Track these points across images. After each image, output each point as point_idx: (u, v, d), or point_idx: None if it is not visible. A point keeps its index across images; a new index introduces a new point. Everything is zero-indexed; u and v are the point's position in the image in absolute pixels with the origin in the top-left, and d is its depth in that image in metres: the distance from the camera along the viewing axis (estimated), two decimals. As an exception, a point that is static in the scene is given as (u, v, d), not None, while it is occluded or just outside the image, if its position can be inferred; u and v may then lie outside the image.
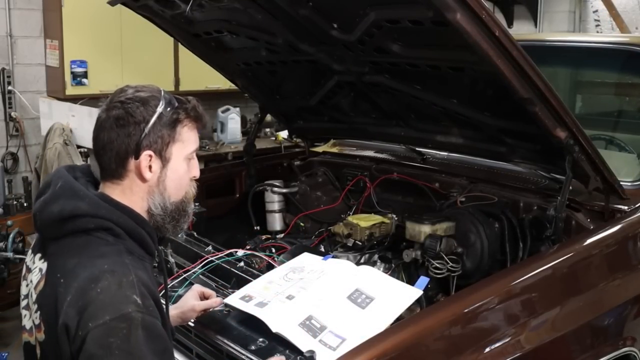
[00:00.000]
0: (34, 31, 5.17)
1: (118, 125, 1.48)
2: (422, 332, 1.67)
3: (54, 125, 4.70)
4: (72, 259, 1.43)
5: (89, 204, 1.46)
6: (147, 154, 1.50)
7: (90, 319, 1.33)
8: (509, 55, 1.82)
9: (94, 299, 1.34)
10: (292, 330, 1.72)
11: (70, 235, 1.45)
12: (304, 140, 3.59)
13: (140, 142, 1.48)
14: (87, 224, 1.45)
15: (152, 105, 1.50)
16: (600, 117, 3.18)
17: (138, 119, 1.48)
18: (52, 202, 1.48)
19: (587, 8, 7.11)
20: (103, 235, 1.45)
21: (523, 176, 2.52)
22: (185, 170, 1.58)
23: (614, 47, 2.98)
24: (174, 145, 1.54)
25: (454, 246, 2.22)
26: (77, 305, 1.35)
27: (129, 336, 1.32)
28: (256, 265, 2.22)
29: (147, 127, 1.48)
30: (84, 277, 1.38)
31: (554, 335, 1.89)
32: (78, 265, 1.41)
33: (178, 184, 1.57)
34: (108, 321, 1.32)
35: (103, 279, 1.37)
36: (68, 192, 1.48)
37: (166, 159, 1.53)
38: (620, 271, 2.12)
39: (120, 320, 1.32)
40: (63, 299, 1.38)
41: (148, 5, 2.67)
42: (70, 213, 1.45)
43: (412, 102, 2.57)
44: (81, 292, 1.36)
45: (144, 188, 1.53)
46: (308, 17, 2.26)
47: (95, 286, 1.36)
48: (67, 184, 1.50)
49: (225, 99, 5.88)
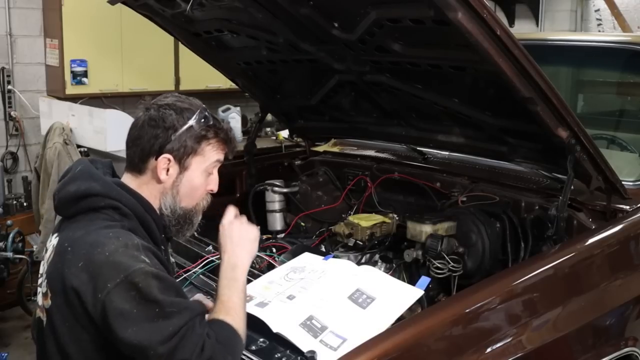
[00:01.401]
0: (33, 30, 5.17)
1: (150, 125, 1.62)
2: (423, 332, 1.66)
3: (53, 125, 4.69)
4: (80, 230, 1.56)
5: (102, 185, 1.60)
6: (166, 158, 1.63)
7: (107, 280, 1.44)
8: (510, 54, 1.81)
9: (104, 261, 1.46)
10: (292, 331, 1.72)
11: (82, 214, 1.59)
12: (304, 140, 3.59)
13: (164, 146, 1.61)
14: (98, 202, 1.58)
15: (184, 117, 1.63)
16: (602, 117, 3.17)
17: (168, 124, 1.62)
18: (70, 183, 1.63)
19: (588, 7, 7.11)
20: (110, 213, 1.58)
21: (525, 176, 2.52)
22: (201, 182, 1.70)
23: (616, 46, 2.98)
24: (194, 157, 1.66)
25: (455, 246, 2.21)
26: (87, 270, 1.47)
27: (147, 287, 1.44)
28: (257, 265, 2.21)
29: (174, 134, 1.62)
30: (90, 244, 1.50)
31: (555, 336, 1.88)
32: (84, 235, 1.53)
33: (191, 192, 1.70)
34: (124, 278, 1.43)
35: (109, 243, 1.49)
36: (85, 175, 1.63)
37: (184, 167, 1.65)
38: (622, 271, 2.12)
39: (134, 275, 1.44)
40: (71, 264, 1.50)
41: (148, 4, 2.67)
42: (84, 192, 1.59)
43: (413, 102, 2.57)
44: (90, 257, 1.48)
45: (158, 188, 1.66)
46: (309, 16, 2.26)
47: (103, 250, 1.47)
48: (85, 168, 1.65)
49: (225, 98, 5.88)
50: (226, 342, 1.51)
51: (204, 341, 1.46)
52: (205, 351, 1.45)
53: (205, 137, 1.66)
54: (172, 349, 1.42)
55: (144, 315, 1.43)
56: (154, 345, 1.42)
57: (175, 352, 1.42)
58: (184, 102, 1.67)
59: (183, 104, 1.65)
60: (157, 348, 1.42)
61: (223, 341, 1.50)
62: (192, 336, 1.45)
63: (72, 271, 1.49)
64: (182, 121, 1.62)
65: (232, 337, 1.54)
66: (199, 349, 1.44)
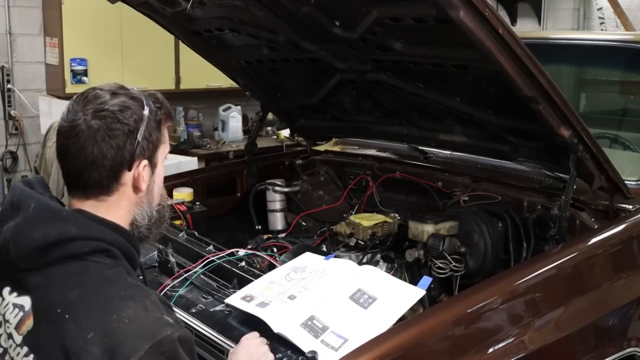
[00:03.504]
0: (33, 29, 5.16)
1: (110, 136, 1.35)
2: (424, 333, 1.65)
3: (53, 124, 4.68)
4: (73, 290, 1.29)
5: (77, 226, 1.33)
6: (143, 164, 1.41)
7: (129, 353, 1.22)
8: (512, 53, 1.80)
9: (124, 331, 1.23)
10: (293, 331, 1.71)
11: (56, 264, 1.31)
12: (305, 139, 3.59)
13: (134, 151, 1.38)
14: (80, 248, 1.32)
15: (137, 110, 1.39)
16: (604, 116, 3.17)
17: (129, 127, 1.37)
18: (29, 227, 1.32)
19: (591, 6, 7.12)
20: (100, 259, 1.34)
21: (527, 175, 2.51)
22: (162, 172, 1.50)
23: (619, 45, 2.98)
24: (159, 149, 1.46)
25: (457, 246, 2.21)
26: (103, 342, 1.23)
27: (175, 356, 1.27)
28: (257, 265, 2.20)
29: (139, 134, 1.38)
30: (101, 309, 1.26)
31: (558, 336, 1.87)
32: (86, 297, 1.28)
33: (160, 187, 1.51)
34: (148, 349, 1.23)
35: (126, 307, 1.26)
36: (47, 214, 1.34)
37: (154, 164, 1.45)
38: (624, 271, 2.11)
39: (161, 344, 1.25)
40: (77, 337, 1.24)
41: (148, 2, 2.66)
42: (56, 238, 1.30)
43: (414, 101, 2.56)
44: (104, 326, 1.24)
45: (133, 200, 1.43)
46: (310, 14, 2.25)
47: (120, 317, 1.25)
48: (41, 205, 1.36)
49: (226, 97, 5.88)
50: None
51: None
52: None
53: (161, 121, 1.45)
54: None
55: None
56: None
57: None
58: (119, 94, 1.40)
59: (125, 98, 1.39)
60: None
61: None
62: None
63: (79, 346, 1.23)
64: (138, 115, 1.38)
65: None
66: None
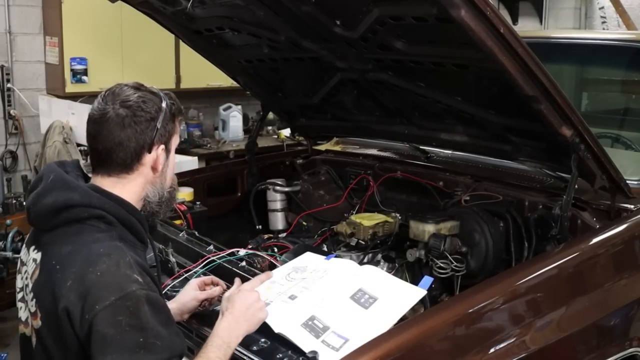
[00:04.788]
0: (33, 28, 5.15)
1: (136, 122, 1.59)
2: (426, 333, 1.65)
3: (53, 123, 4.69)
4: (67, 246, 1.51)
5: (81, 195, 1.55)
6: (160, 148, 1.64)
7: (95, 301, 1.40)
8: (514, 52, 1.80)
9: (94, 281, 1.42)
10: (294, 331, 1.71)
11: (63, 226, 1.54)
12: (306, 139, 3.59)
13: (154, 136, 1.61)
14: (81, 213, 1.53)
15: (156, 102, 1.64)
16: (606, 115, 3.17)
17: (150, 115, 1.61)
18: (45, 194, 1.56)
19: (593, 5, 7.12)
20: (96, 223, 1.54)
21: (528, 175, 2.51)
22: (174, 159, 1.74)
23: (620, 44, 2.98)
24: (173, 138, 1.69)
25: (458, 245, 2.20)
26: (77, 290, 1.43)
27: (136, 312, 1.41)
28: (258, 264, 2.20)
29: (158, 122, 1.62)
30: (81, 262, 1.46)
31: (559, 336, 1.87)
32: (73, 252, 1.49)
33: (172, 172, 1.74)
34: (114, 301, 1.40)
35: (100, 262, 1.45)
36: (60, 184, 1.57)
37: (169, 150, 1.68)
38: (626, 271, 2.10)
39: (125, 298, 1.41)
40: (61, 284, 1.46)
41: (149, 1, 2.65)
42: (63, 204, 1.53)
43: (415, 100, 2.56)
44: (80, 276, 1.44)
45: (148, 179, 1.65)
46: (310, 13, 2.24)
47: (94, 269, 1.44)
48: (58, 177, 1.59)
49: (226, 97, 5.87)
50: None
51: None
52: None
53: (175, 114, 1.69)
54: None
55: (127, 343, 1.39)
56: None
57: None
58: (142, 89, 1.65)
59: (146, 93, 1.64)
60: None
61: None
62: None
63: (62, 292, 1.45)
64: (158, 107, 1.63)
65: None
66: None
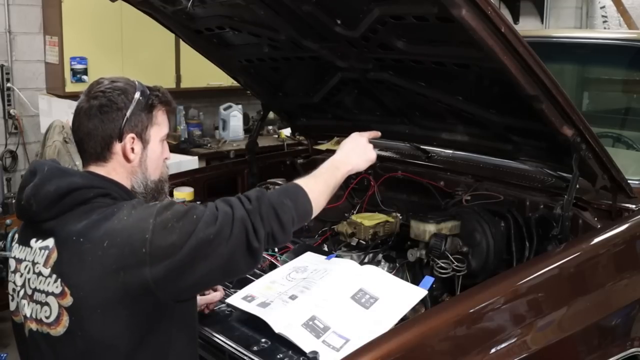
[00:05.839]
0: (33, 27, 5.15)
1: (102, 112, 1.65)
2: (427, 333, 1.64)
3: (53, 123, 4.68)
4: (82, 222, 1.54)
5: (82, 178, 1.61)
6: (130, 137, 1.67)
7: (141, 234, 1.48)
8: (515, 51, 1.79)
9: (127, 224, 1.50)
10: (295, 331, 1.71)
11: (69, 211, 1.56)
12: (307, 138, 3.58)
13: (123, 126, 1.65)
14: (86, 194, 1.57)
15: (130, 93, 1.68)
16: (607, 115, 3.16)
17: (120, 105, 1.65)
18: (45, 183, 1.59)
19: (594, 4, 7.10)
20: (102, 200, 1.58)
21: (529, 174, 2.50)
22: (160, 151, 1.76)
23: (622, 43, 2.98)
24: (151, 129, 1.72)
25: (459, 245, 2.19)
26: (116, 242, 1.48)
27: (175, 212, 1.53)
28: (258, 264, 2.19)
29: (127, 112, 1.66)
30: (104, 222, 1.51)
31: (560, 336, 1.87)
32: (91, 222, 1.53)
33: (155, 164, 1.75)
34: (154, 222, 1.49)
35: (120, 211, 1.53)
36: (58, 173, 1.61)
37: (146, 141, 1.71)
38: (627, 271, 2.10)
39: (159, 213, 1.51)
40: (95, 249, 1.49)
41: (149, 1, 2.65)
42: (67, 188, 1.56)
43: (416, 99, 2.55)
44: (111, 231, 1.50)
45: (127, 168, 1.69)
46: (311, 13, 2.24)
47: (119, 218, 1.51)
48: (54, 167, 1.64)
49: (227, 96, 5.87)
50: (285, 190, 1.71)
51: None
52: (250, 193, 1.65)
53: (153, 105, 1.72)
54: (229, 214, 1.57)
55: (191, 228, 1.50)
56: (219, 230, 1.52)
57: (230, 211, 1.58)
58: (117, 81, 1.70)
59: (120, 84, 1.69)
60: (219, 230, 1.52)
61: (281, 189, 1.71)
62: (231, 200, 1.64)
63: (98, 255, 1.49)
64: (130, 97, 1.67)
65: (294, 190, 1.72)
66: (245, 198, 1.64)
